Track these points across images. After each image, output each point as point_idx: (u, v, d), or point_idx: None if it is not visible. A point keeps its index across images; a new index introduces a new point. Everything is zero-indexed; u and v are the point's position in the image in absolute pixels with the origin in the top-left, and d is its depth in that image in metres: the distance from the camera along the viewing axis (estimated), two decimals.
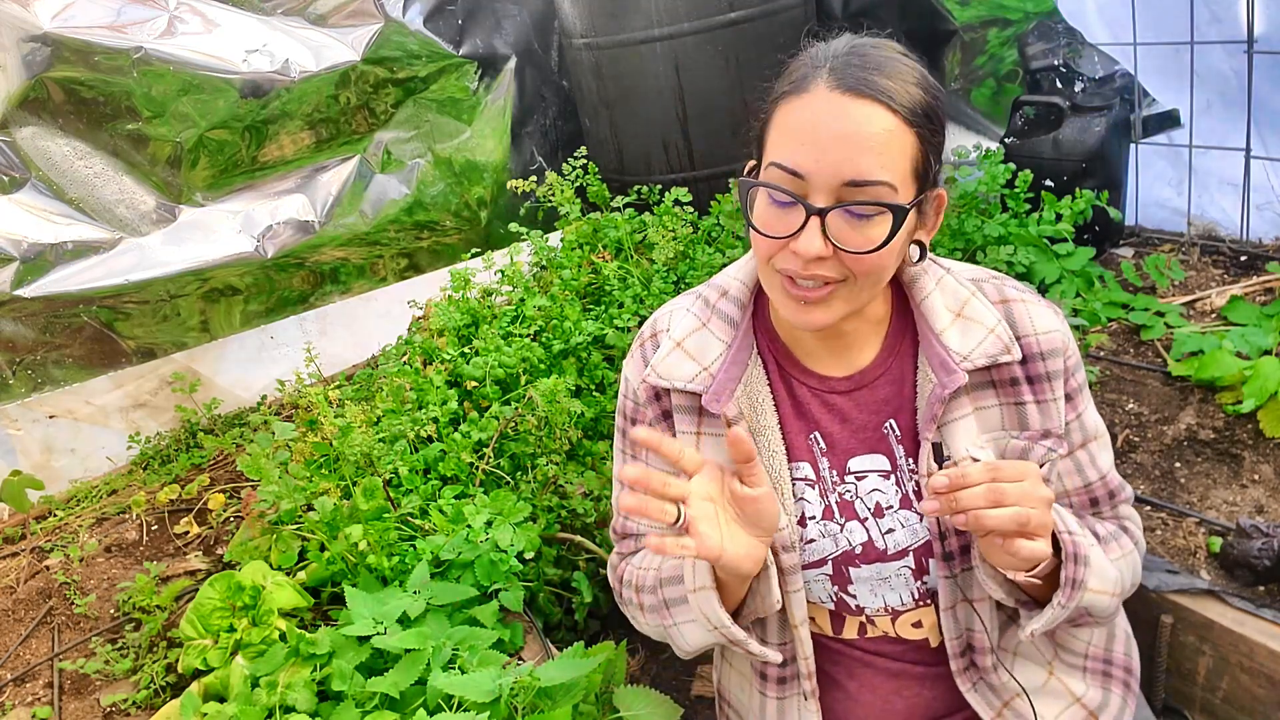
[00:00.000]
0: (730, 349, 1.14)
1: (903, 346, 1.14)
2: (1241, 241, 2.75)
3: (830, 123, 0.94)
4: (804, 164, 0.95)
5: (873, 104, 0.94)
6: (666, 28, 2.90)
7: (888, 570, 1.13)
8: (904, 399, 1.12)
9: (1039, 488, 0.95)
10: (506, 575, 1.66)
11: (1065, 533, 1.01)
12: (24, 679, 1.84)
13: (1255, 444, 1.92)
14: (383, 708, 1.37)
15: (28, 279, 2.53)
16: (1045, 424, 1.09)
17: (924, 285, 1.12)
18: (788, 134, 0.97)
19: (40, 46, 2.43)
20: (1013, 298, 1.12)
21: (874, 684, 1.21)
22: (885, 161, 0.94)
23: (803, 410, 1.16)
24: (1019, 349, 1.07)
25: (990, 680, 1.15)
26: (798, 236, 0.96)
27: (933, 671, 1.19)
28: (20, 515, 2.51)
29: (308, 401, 2.09)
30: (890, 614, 1.16)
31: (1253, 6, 2.44)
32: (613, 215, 2.62)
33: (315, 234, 2.98)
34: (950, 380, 1.05)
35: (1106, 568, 1.07)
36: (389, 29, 2.98)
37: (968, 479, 0.94)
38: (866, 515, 1.13)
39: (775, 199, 0.98)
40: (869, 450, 1.13)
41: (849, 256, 0.97)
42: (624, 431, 1.27)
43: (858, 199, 0.94)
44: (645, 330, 1.25)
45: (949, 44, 3.09)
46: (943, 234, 2.59)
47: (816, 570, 1.15)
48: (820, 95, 0.95)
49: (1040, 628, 1.03)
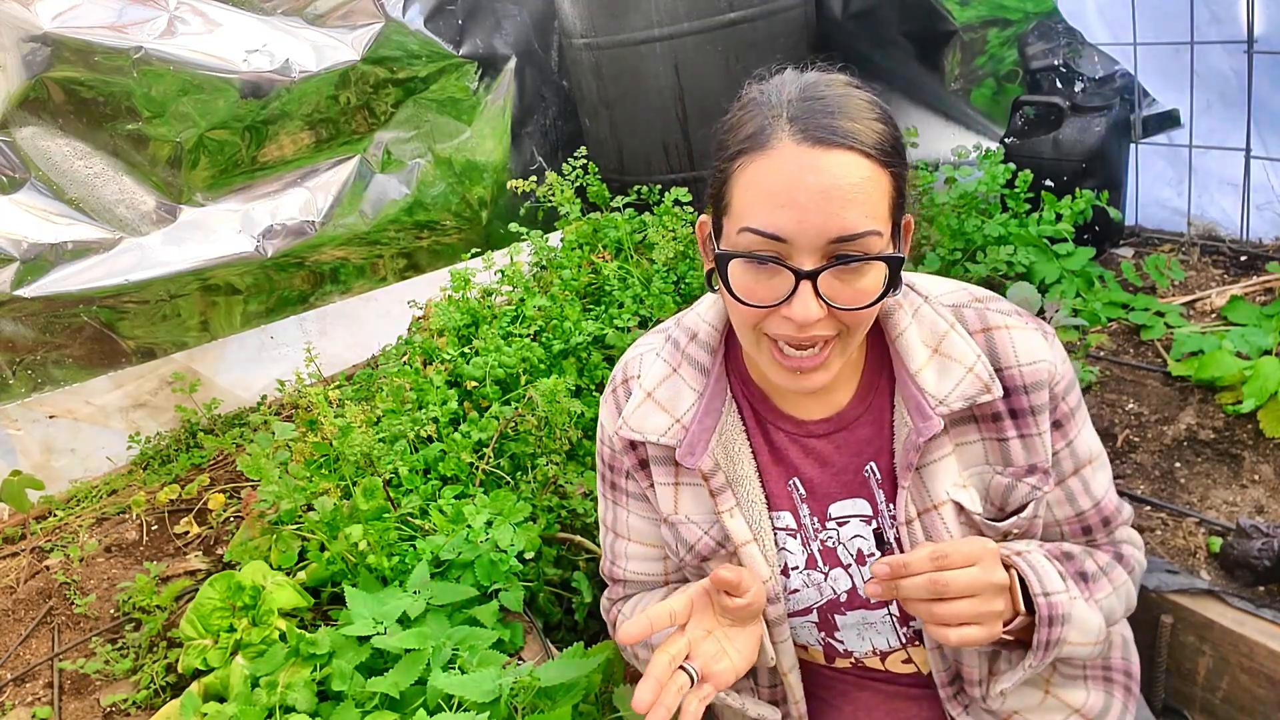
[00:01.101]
0: (703, 398, 1.10)
1: (880, 383, 1.09)
2: (1241, 241, 2.75)
3: (806, 181, 0.87)
4: (785, 227, 0.88)
5: (844, 152, 0.87)
6: (666, 28, 2.90)
7: (873, 616, 1.12)
8: (884, 439, 1.08)
9: (991, 573, 0.92)
10: (506, 575, 1.66)
11: (1040, 595, 0.96)
12: (24, 679, 1.84)
13: (1255, 444, 1.92)
14: (383, 708, 1.38)
15: (28, 279, 2.53)
16: (1030, 459, 1.04)
17: (899, 320, 1.05)
18: (760, 197, 0.90)
19: (40, 46, 2.43)
20: (995, 325, 1.04)
21: (869, 705, 1.20)
22: (868, 210, 0.89)
23: (781, 456, 1.12)
24: (1000, 384, 1.01)
25: (984, 705, 1.14)
26: (790, 302, 0.90)
27: (928, 694, 1.18)
28: (20, 515, 2.51)
29: (308, 401, 2.08)
30: (879, 655, 1.16)
31: (1253, 6, 2.44)
32: (613, 215, 2.62)
33: (315, 234, 2.98)
34: (926, 427, 1.01)
35: (1089, 619, 1.03)
36: (389, 29, 2.99)
37: (909, 568, 0.91)
38: (849, 562, 1.11)
39: (755, 262, 0.92)
40: (850, 495, 1.10)
41: (846, 313, 0.92)
42: (604, 477, 1.24)
43: (847, 253, 0.89)
44: (617, 374, 1.20)
45: (949, 44, 3.09)
46: (943, 234, 2.59)
47: (803, 619, 1.14)
48: (787, 151, 0.88)
49: (1010, 687, 1.02)
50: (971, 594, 0.91)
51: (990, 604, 0.92)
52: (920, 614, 0.93)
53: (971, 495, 1.04)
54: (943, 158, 3.00)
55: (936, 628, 0.92)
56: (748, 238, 0.91)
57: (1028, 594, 0.98)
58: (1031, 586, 0.97)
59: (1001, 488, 1.05)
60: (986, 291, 1.10)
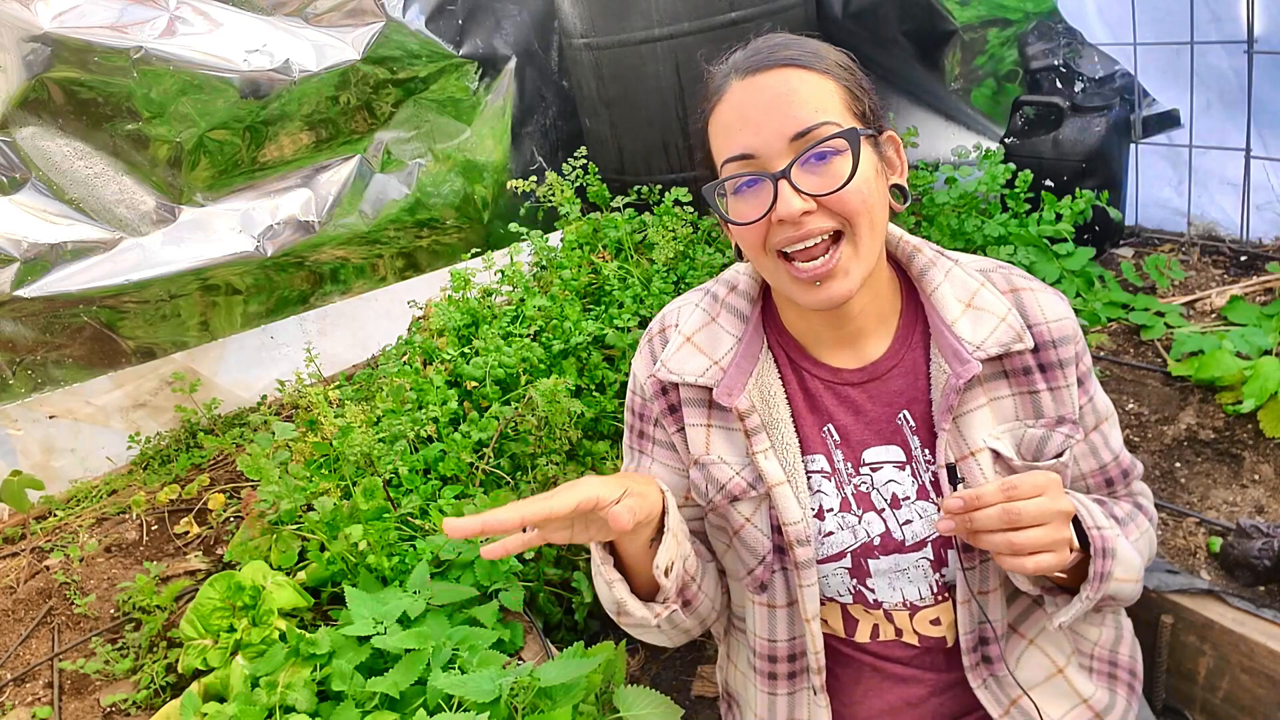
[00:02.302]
0: (741, 343, 1.15)
1: (914, 338, 1.14)
2: (1241, 241, 2.75)
3: (755, 100, 1.00)
4: (750, 143, 0.99)
5: (781, 69, 1.00)
6: (666, 28, 2.90)
7: (905, 562, 1.13)
8: (917, 390, 1.12)
9: (1058, 500, 0.95)
10: (506, 575, 1.66)
11: (1094, 528, 1.02)
12: (24, 679, 1.84)
13: (1255, 444, 1.92)
14: (383, 708, 1.38)
15: (28, 279, 2.53)
16: (1060, 411, 1.10)
17: (933, 277, 1.12)
18: (723, 130, 1.03)
19: (40, 46, 2.43)
20: (1021, 286, 1.13)
21: (882, 688, 1.20)
22: (817, 104, 0.99)
23: (815, 403, 1.15)
24: (1030, 337, 1.08)
25: (999, 674, 1.15)
26: (775, 207, 0.98)
27: (942, 678, 1.18)
28: (20, 515, 2.51)
29: (308, 401, 2.09)
30: (909, 609, 1.15)
31: (1253, 6, 2.44)
32: (613, 215, 2.62)
33: (315, 234, 2.98)
34: (964, 370, 1.05)
35: (1131, 555, 1.08)
36: (389, 29, 2.99)
37: (982, 499, 0.94)
38: (884, 506, 1.13)
39: (740, 188, 1.01)
40: (883, 442, 1.13)
41: (831, 198, 0.98)
42: (632, 428, 1.27)
43: (807, 145, 0.98)
44: (654, 326, 1.25)
45: (949, 44, 3.09)
46: (943, 234, 2.59)
47: (835, 564, 1.14)
48: (735, 88, 1.01)
49: (1068, 620, 1.04)
50: (1043, 522, 0.93)
51: (1061, 530, 0.95)
52: (995, 545, 0.95)
53: (1006, 446, 1.08)
54: (943, 158, 3.00)
55: (1012, 558, 0.95)
56: (727, 169, 1.03)
57: (1078, 533, 1.02)
58: (1084, 520, 1.02)
59: (1035, 440, 1.09)
60: (1006, 263, 1.19)
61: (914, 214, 2.67)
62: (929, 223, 2.64)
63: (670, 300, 2.29)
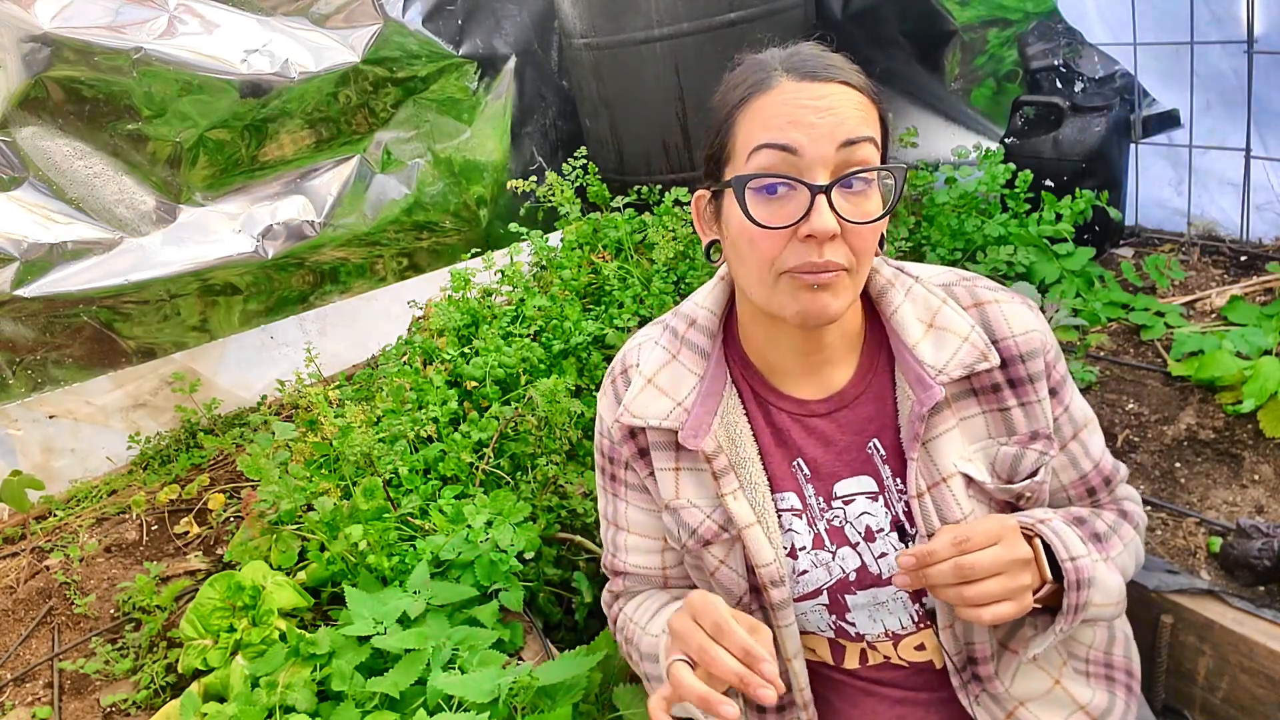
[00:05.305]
0: (703, 381, 1.11)
1: (879, 363, 1.11)
2: (1241, 241, 2.75)
3: (809, 102, 0.95)
4: (797, 139, 0.94)
5: (839, 85, 0.97)
6: (666, 28, 2.90)
7: (884, 595, 1.11)
8: (886, 417, 1.09)
9: (1014, 549, 0.93)
10: (506, 575, 1.66)
11: (1067, 560, 0.99)
12: (24, 679, 1.84)
13: (1255, 444, 1.92)
14: (383, 708, 1.38)
15: (28, 279, 2.53)
16: (1032, 426, 1.07)
17: (892, 298, 1.09)
18: (763, 120, 0.96)
19: (40, 46, 2.43)
20: (986, 300, 1.09)
21: (877, 711, 1.19)
22: (867, 120, 0.97)
23: (783, 437, 1.12)
24: (996, 354, 1.04)
25: (992, 691, 1.14)
26: (808, 218, 0.93)
27: (936, 697, 1.17)
28: (20, 515, 2.51)
29: (308, 401, 2.09)
30: (891, 639, 1.15)
31: (1253, 6, 2.44)
32: (613, 215, 2.62)
33: (315, 234, 2.98)
34: (928, 396, 1.02)
35: (1109, 579, 1.06)
36: (389, 29, 2.99)
37: (934, 555, 0.92)
38: (858, 540, 1.10)
39: (772, 188, 0.96)
40: (855, 473, 1.10)
41: (853, 236, 0.96)
42: (603, 470, 1.24)
43: (853, 168, 0.95)
44: (615, 366, 1.21)
45: (949, 44, 3.09)
46: (943, 234, 2.59)
47: (812, 601, 1.13)
48: (788, 86, 0.96)
49: (1041, 650, 1.03)
50: (998, 572, 0.92)
51: (1017, 579, 0.94)
52: (950, 599, 0.94)
53: (979, 468, 1.06)
54: (943, 158, 3.00)
55: (969, 609, 0.93)
56: (763, 155, 0.96)
57: (1052, 561, 1.00)
58: (1058, 552, 0.99)
59: (1009, 458, 1.07)
60: (969, 272, 1.15)
61: (914, 214, 2.67)
62: (929, 223, 2.64)
63: (670, 300, 2.29)
